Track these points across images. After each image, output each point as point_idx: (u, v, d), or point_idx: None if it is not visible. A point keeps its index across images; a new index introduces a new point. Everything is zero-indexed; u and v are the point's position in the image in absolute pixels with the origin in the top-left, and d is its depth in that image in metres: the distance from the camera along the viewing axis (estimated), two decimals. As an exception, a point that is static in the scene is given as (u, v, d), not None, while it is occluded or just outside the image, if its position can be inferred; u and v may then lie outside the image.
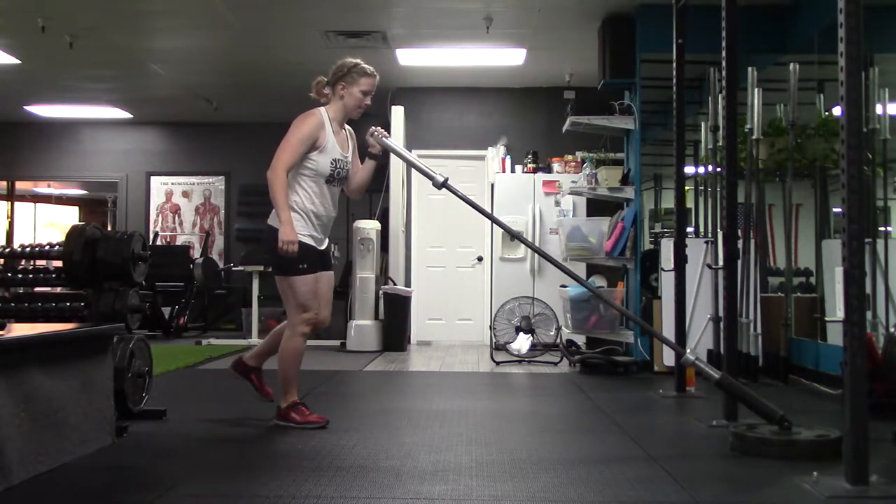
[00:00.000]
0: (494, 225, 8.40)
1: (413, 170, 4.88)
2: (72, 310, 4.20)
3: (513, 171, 8.62)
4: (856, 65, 2.77)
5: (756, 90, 5.53)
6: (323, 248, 3.94)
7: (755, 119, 5.55)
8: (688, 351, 3.78)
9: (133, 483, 3.01)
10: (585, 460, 3.30)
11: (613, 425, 4.12)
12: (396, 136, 8.42)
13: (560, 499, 2.70)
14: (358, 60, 3.92)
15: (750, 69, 5.54)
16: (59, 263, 4.18)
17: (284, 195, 3.70)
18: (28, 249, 4.37)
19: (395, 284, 8.29)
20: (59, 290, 4.74)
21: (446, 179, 3.91)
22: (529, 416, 4.58)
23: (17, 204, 12.28)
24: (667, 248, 5.84)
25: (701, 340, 5.61)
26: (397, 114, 8.47)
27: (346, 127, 4.00)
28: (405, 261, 8.77)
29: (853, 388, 2.74)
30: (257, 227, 10.29)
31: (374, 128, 3.98)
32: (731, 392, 3.66)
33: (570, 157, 8.23)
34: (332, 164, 3.82)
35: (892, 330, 4.54)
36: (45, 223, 14.22)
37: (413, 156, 4.14)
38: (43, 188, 13.98)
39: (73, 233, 4.10)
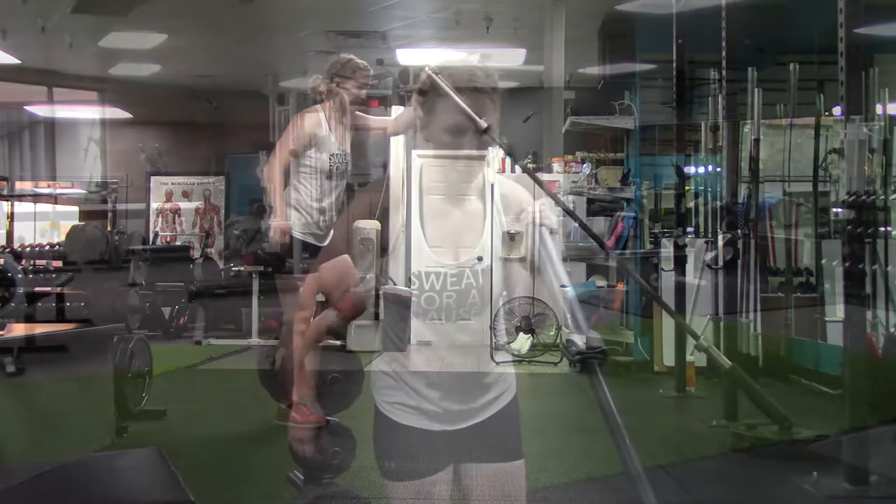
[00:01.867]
0: (494, 224, 8.35)
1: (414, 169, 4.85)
2: (72, 310, 4.19)
3: (513, 171, 8.60)
4: (856, 65, 2.77)
5: (756, 90, 5.52)
6: (326, 242, 3.94)
7: (755, 119, 5.54)
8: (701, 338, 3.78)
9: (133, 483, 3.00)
10: (586, 460, 3.30)
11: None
12: (396, 137, 8.41)
13: (560, 499, 2.70)
14: (351, 56, 3.99)
15: (750, 69, 5.53)
16: (59, 263, 4.18)
17: (277, 188, 3.72)
18: (28, 249, 4.37)
19: (395, 284, 8.27)
20: (58, 290, 4.73)
21: (489, 126, 3.93)
22: (529, 416, 4.55)
23: (17, 204, 12.25)
24: (667, 248, 5.83)
25: (700, 340, 5.60)
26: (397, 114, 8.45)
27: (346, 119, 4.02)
28: (405, 261, 8.74)
29: (853, 388, 2.73)
30: (257, 227, 10.30)
31: (428, 68, 4.06)
32: (739, 384, 3.65)
33: (570, 157, 8.22)
34: (330, 159, 3.84)
35: (892, 330, 4.54)
36: (45, 223, 14.18)
37: (459, 99, 4.14)
38: (43, 188, 13.96)
39: (73, 233, 4.10)
